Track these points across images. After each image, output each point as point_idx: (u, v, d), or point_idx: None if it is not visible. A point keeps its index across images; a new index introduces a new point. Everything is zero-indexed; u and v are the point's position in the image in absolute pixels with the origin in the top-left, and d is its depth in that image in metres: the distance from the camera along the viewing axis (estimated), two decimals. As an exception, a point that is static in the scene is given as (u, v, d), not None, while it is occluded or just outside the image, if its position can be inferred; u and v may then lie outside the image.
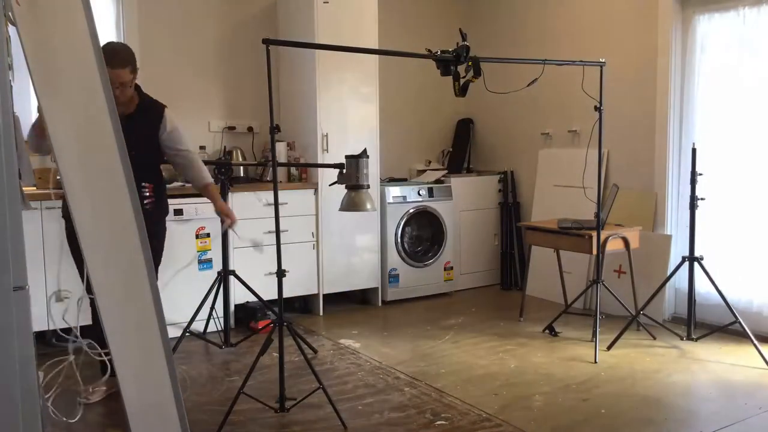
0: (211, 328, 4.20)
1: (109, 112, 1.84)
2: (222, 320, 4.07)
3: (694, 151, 3.82)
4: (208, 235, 4.19)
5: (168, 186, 4.26)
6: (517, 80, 3.62)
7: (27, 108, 4.02)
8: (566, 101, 5.01)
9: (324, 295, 4.74)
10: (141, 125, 3.13)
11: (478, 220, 5.47)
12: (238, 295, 4.34)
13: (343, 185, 3.18)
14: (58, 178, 1.85)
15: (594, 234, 3.94)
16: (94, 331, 2.06)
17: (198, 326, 4.01)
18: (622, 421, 2.93)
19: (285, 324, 2.90)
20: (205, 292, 3.89)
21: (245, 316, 4.40)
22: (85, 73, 1.82)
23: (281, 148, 4.72)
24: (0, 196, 1.53)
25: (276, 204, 2.92)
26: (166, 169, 4.49)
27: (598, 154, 3.89)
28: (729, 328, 3.85)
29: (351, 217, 4.81)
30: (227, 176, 3.95)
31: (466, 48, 3.36)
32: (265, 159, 4.76)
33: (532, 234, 4.42)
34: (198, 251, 4.16)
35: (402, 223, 5.02)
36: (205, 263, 4.18)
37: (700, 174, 3.81)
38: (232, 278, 3.99)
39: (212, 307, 3.96)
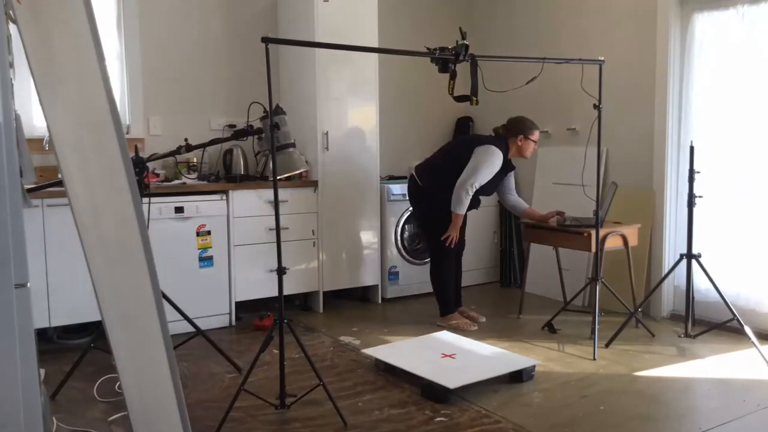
0: (218, 323, 4.22)
1: (110, 110, 1.84)
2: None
3: (692, 149, 3.82)
4: (208, 232, 4.19)
5: (167, 183, 4.29)
6: (517, 79, 3.62)
7: (28, 106, 4.03)
8: (565, 99, 5.02)
9: (324, 293, 4.75)
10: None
11: (478, 217, 5.47)
12: (239, 293, 4.36)
13: (266, 151, 3.03)
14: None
15: (593, 232, 3.95)
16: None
17: (205, 323, 3.98)
18: (621, 417, 2.94)
19: (285, 321, 2.91)
20: (205, 290, 3.87)
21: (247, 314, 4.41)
22: (86, 71, 1.82)
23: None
24: (1, 193, 1.54)
25: (276, 202, 2.93)
26: (166, 167, 4.53)
27: (597, 152, 3.89)
28: (727, 325, 3.86)
29: (351, 215, 4.82)
30: (142, 176, 3.30)
31: (465, 46, 3.38)
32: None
33: (531, 232, 4.44)
34: (199, 249, 4.17)
35: (402, 221, 5.03)
36: (205, 261, 4.19)
37: (698, 172, 3.81)
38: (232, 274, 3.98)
39: None
